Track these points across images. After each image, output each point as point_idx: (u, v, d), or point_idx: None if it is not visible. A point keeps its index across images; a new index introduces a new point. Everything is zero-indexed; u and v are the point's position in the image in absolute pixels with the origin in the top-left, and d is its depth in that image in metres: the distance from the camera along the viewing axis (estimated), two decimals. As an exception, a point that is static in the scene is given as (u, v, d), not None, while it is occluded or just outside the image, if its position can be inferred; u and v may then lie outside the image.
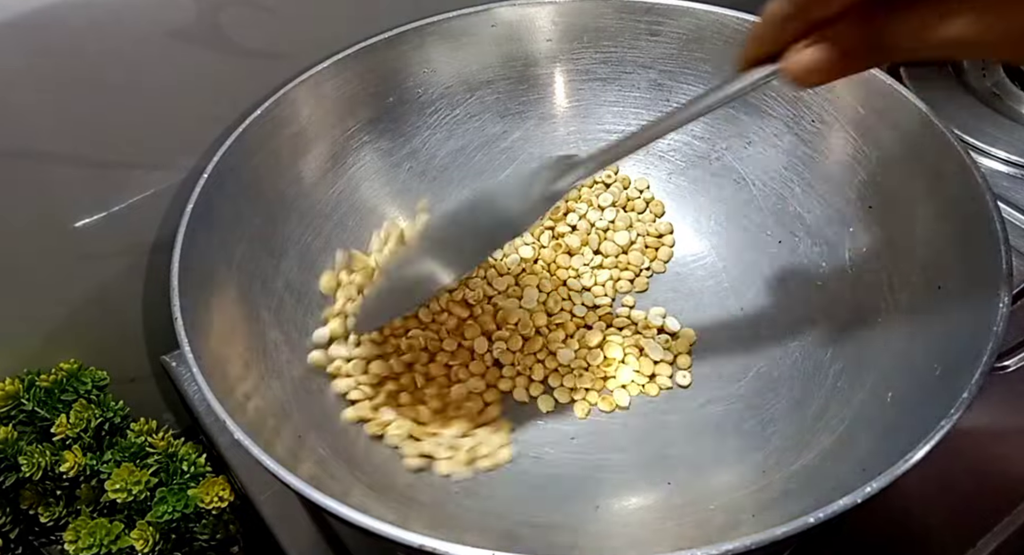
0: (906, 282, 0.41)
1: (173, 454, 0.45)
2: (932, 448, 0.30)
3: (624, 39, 0.51)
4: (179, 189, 0.48)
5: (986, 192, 0.38)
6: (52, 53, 0.40)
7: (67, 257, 0.47)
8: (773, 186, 0.49)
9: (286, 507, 0.45)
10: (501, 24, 0.51)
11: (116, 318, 0.51)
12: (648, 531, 0.39)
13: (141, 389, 0.54)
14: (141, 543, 0.42)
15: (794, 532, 0.28)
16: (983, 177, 0.38)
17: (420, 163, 0.52)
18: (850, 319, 0.43)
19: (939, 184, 0.41)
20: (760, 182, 0.50)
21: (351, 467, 0.39)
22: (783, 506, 0.36)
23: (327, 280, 0.47)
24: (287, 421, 0.39)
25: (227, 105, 0.46)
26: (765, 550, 0.29)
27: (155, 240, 0.49)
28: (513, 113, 0.53)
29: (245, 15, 0.44)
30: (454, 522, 0.39)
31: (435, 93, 0.51)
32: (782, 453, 0.40)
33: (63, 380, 0.45)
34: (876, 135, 0.44)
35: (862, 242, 0.45)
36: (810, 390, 0.43)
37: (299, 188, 0.48)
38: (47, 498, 0.45)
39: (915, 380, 0.37)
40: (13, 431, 0.43)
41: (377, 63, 0.49)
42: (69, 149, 0.43)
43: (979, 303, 0.35)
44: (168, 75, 0.44)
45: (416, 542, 0.29)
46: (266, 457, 0.32)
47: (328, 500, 0.31)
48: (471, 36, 0.50)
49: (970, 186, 0.39)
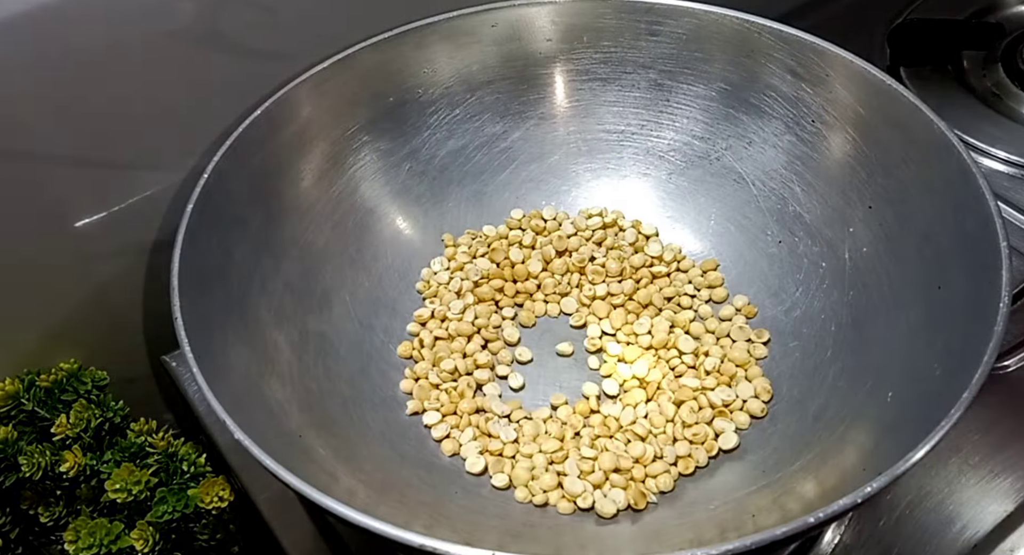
0: (906, 282, 0.41)
1: (173, 454, 0.45)
2: (932, 448, 0.30)
3: (624, 39, 0.51)
4: (179, 189, 0.47)
5: (986, 192, 0.38)
6: (52, 52, 0.40)
7: (67, 257, 0.46)
8: (773, 186, 0.49)
9: (286, 507, 0.45)
10: (501, 24, 0.50)
11: (116, 318, 0.51)
12: (649, 531, 0.39)
13: (141, 389, 0.54)
14: (141, 543, 0.42)
15: (794, 532, 0.28)
16: (983, 176, 0.38)
17: (420, 163, 0.52)
18: (850, 319, 0.44)
19: (939, 184, 0.41)
20: (760, 182, 0.50)
21: (351, 467, 0.39)
22: (784, 506, 0.36)
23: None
24: (287, 420, 0.39)
25: (227, 105, 0.46)
26: (765, 550, 0.29)
27: (155, 240, 0.49)
28: (513, 113, 0.53)
29: (245, 15, 0.44)
30: (456, 522, 0.39)
31: (435, 93, 0.51)
32: (782, 453, 0.40)
33: (63, 380, 0.45)
34: (876, 135, 0.44)
35: (862, 242, 0.44)
36: (810, 390, 0.43)
37: (299, 188, 0.47)
38: (47, 498, 0.45)
39: (915, 380, 0.37)
40: (13, 431, 0.43)
41: (377, 63, 0.49)
42: (69, 149, 0.43)
43: (979, 303, 0.35)
44: (168, 75, 0.44)
45: (416, 542, 0.29)
46: (266, 457, 0.32)
47: (329, 500, 0.31)
48: (471, 36, 0.50)
49: (970, 186, 0.39)
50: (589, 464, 0.42)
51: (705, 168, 0.51)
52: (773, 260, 0.49)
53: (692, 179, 0.52)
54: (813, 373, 0.43)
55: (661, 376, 0.45)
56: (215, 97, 0.46)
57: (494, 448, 0.43)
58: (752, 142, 0.50)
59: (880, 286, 0.43)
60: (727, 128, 0.50)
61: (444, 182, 0.53)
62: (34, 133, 0.42)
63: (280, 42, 0.47)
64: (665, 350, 0.47)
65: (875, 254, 0.44)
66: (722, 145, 0.51)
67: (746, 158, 0.50)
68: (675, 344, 0.47)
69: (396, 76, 0.50)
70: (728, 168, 0.51)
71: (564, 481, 0.41)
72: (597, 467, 0.41)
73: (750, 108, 0.49)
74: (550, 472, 0.42)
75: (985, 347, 0.33)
